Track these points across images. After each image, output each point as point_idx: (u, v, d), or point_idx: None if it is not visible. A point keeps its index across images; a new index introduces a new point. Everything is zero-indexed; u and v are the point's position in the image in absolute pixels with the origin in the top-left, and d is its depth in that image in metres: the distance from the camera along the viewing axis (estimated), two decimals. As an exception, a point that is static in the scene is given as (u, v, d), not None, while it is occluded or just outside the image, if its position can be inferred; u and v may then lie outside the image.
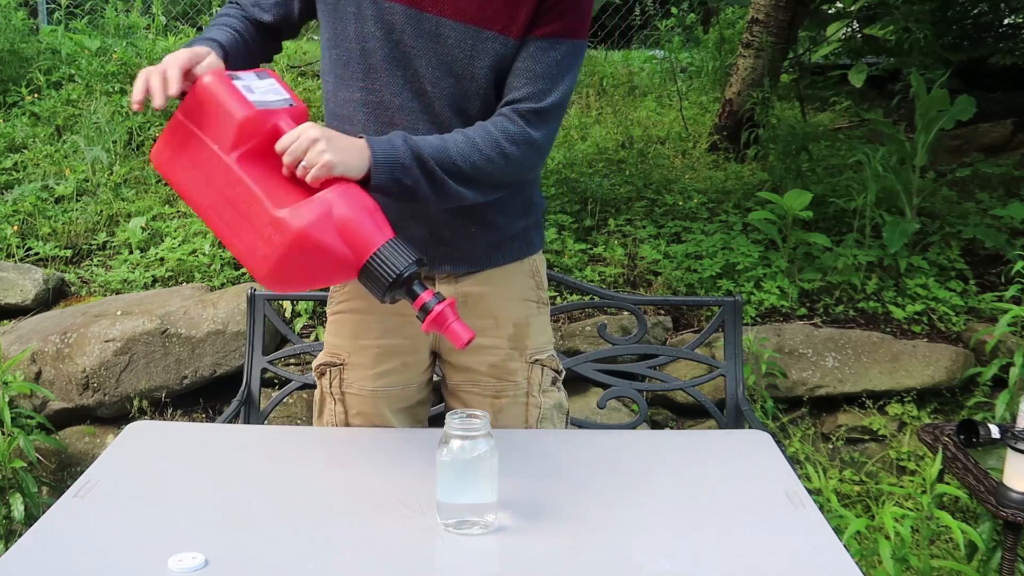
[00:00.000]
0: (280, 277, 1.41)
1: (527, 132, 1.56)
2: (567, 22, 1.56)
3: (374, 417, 1.79)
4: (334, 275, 1.48)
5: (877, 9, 5.68)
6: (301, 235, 1.35)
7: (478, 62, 1.56)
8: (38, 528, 1.37)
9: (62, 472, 3.07)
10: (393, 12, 1.54)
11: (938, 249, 3.91)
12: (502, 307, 1.75)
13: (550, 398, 1.81)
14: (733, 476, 1.59)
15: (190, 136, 1.46)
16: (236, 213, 1.40)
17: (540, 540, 1.36)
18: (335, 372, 1.79)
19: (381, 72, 1.58)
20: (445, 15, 1.54)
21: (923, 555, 2.33)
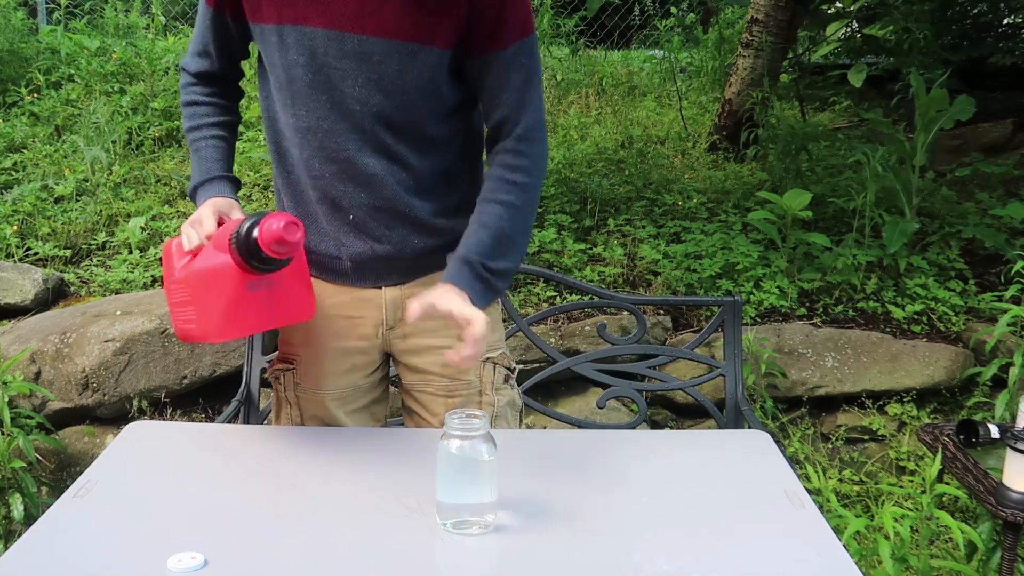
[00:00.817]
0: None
1: (530, 157, 1.61)
2: (511, 25, 1.56)
3: (328, 419, 1.81)
4: None
5: (877, 9, 5.68)
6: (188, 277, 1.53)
7: (407, 75, 1.56)
8: (37, 528, 1.37)
9: (61, 472, 3.07)
10: (314, 36, 1.54)
11: (938, 249, 3.91)
12: None
13: (503, 396, 1.81)
14: (733, 476, 1.59)
15: None
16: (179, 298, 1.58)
17: (540, 540, 1.36)
18: (288, 376, 1.81)
19: (307, 98, 1.58)
20: (368, 33, 1.53)
21: (923, 555, 2.33)
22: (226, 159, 1.73)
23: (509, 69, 1.57)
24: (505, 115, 1.59)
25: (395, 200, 1.65)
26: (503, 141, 1.61)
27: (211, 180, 1.68)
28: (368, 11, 1.52)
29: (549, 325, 3.30)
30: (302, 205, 1.70)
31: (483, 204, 1.60)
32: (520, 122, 1.59)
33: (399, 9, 1.52)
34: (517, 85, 1.58)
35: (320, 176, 1.64)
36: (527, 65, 1.58)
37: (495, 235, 1.57)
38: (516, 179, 1.60)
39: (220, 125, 1.74)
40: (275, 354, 2.30)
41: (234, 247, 1.45)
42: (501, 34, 1.55)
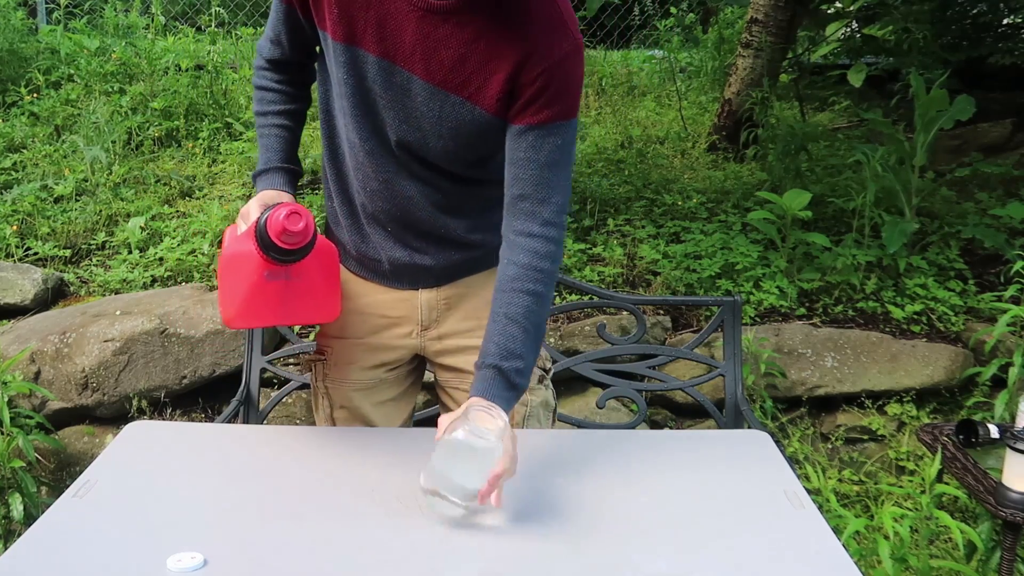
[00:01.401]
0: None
1: (558, 245, 1.59)
2: (559, 105, 1.54)
3: (354, 411, 1.84)
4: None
5: (876, 9, 5.68)
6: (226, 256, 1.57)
7: (445, 123, 1.56)
8: (37, 528, 1.37)
9: (61, 472, 3.07)
10: (366, 61, 1.55)
11: (937, 249, 3.91)
12: (484, 308, 1.75)
13: (536, 396, 1.82)
14: (732, 476, 1.59)
15: None
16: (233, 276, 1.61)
17: (539, 540, 1.36)
18: (319, 366, 1.85)
19: (351, 117, 1.60)
20: (416, 73, 1.53)
21: (922, 555, 2.33)
22: (286, 149, 1.75)
23: (538, 147, 1.54)
24: (525, 192, 1.56)
25: (431, 220, 1.68)
26: (525, 222, 1.57)
27: (268, 170, 1.72)
28: (421, 53, 1.52)
29: (549, 325, 3.30)
30: (347, 204, 1.74)
31: (510, 295, 1.56)
32: (545, 204, 1.56)
33: (451, 60, 1.52)
34: (543, 164, 1.55)
35: (362, 188, 1.67)
36: (561, 148, 1.55)
37: (525, 329, 1.54)
38: (544, 267, 1.56)
39: (285, 114, 1.76)
40: (274, 354, 2.31)
41: (256, 237, 1.48)
42: (538, 110, 1.52)
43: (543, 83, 1.50)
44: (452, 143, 1.58)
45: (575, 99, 1.57)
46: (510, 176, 1.58)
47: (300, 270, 1.53)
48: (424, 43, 1.51)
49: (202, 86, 5.04)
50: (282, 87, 1.76)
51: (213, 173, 4.48)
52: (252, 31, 5.96)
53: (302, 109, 1.80)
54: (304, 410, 3.15)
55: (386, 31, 1.52)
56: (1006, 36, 5.91)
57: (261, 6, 6.45)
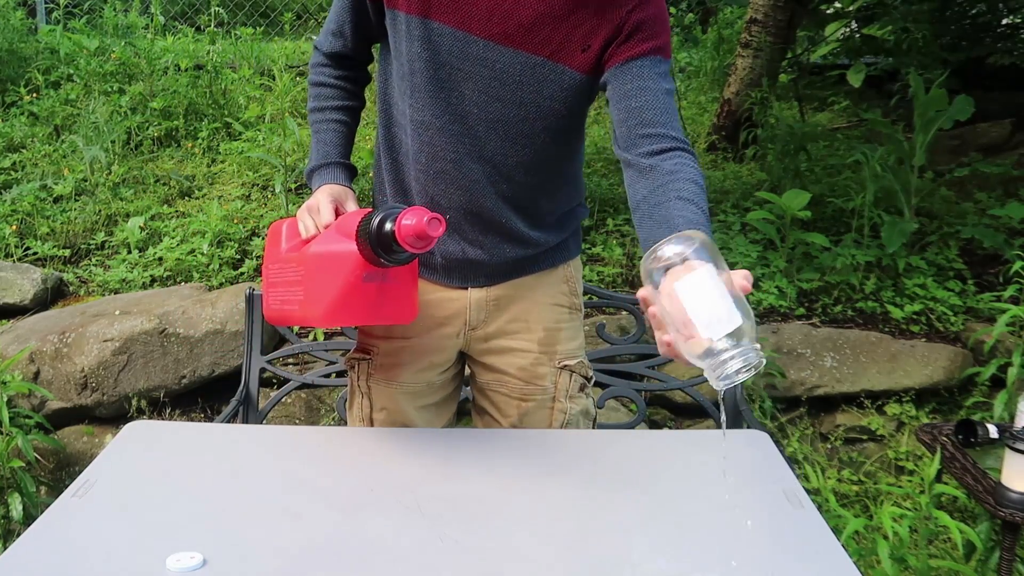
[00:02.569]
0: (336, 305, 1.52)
1: (696, 161, 1.49)
2: (659, 38, 1.50)
3: (397, 413, 1.80)
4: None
5: (875, 9, 5.68)
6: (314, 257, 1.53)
7: (526, 88, 1.54)
8: (36, 528, 1.37)
9: (60, 472, 3.07)
10: (441, 34, 1.52)
11: (936, 249, 3.91)
12: (533, 311, 1.75)
13: (577, 404, 1.80)
14: (731, 476, 1.59)
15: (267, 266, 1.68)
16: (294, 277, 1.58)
17: (538, 540, 1.36)
18: (363, 366, 1.80)
19: (424, 93, 1.56)
20: (492, 39, 1.51)
21: (921, 555, 2.34)
22: (345, 144, 1.71)
23: (647, 76, 1.49)
24: (645, 118, 1.46)
25: (493, 209, 1.64)
26: (658, 141, 1.45)
27: (328, 165, 1.67)
28: (498, 16, 1.50)
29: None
30: (402, 195, 1.69)
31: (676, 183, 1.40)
32: (671, 127, 1.46)
33: (529, 20, 1.50)
34: (659, 91, 1.48)
35: (425, 171, 1.62)
36: (669, 80, 1.51)
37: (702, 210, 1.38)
38: (700, 181, 1.45)
39: (344, 110, 1.72)
40: (274, 354, 2.30)
41: (363, 237, 1.43)
42: (639, 42, 1.49)
43: (638, 16, 1.48)
44: (534, 109, 1.55)
45: (668, 36, 1.53)
46: (622, 114, 1.49)
47: (396, 272, 1.50)
48: (500, 7, 1.50)
49: (201, 86, 5.04)
50: (341, 83, 1.72)
51: (212, 173, 4.48)
52: (251, 31, 5.96)
53: (359, 108, 1.76)
54: (304, 410, 3.15)
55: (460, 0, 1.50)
56: (1005, 36, 5.91)
57: (260, 6, 6.45)
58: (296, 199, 4.08)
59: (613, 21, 1.50)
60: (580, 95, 1.57)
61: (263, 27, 6.22)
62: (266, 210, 4.04)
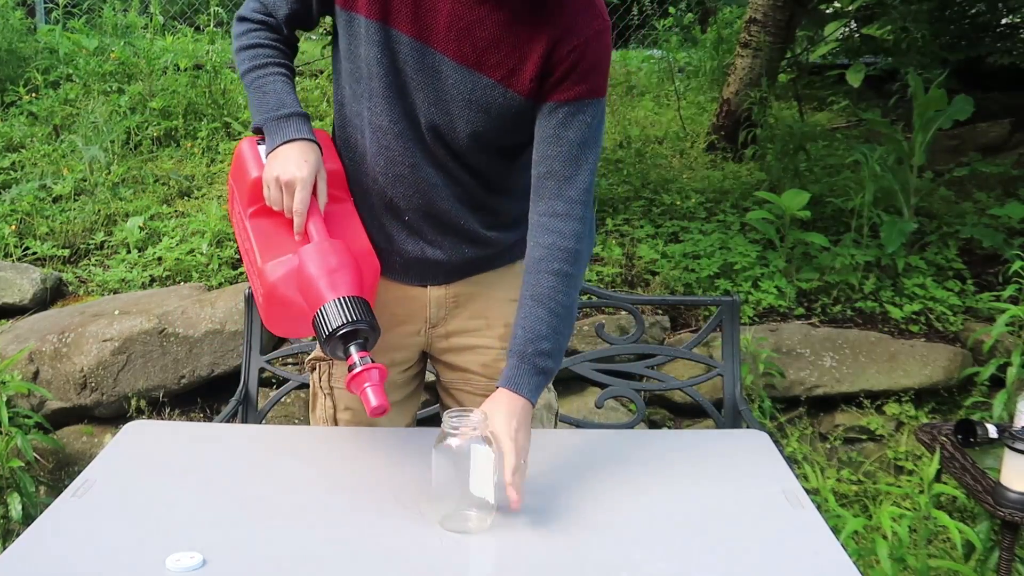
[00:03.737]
0: (270, 322, 1.59)
1: (587, 225, 1.57)
2: (588, 84, 1.54)
3: (361, 413, 1.78)
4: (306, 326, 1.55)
5: (875, 9, 5.68)
6: (270, 288, 1.51)
7: (474, 107, 1.55)
8: (36, 528, 1.37)
9: (60, 472, 3.07)
10: (400, 42, 1.54)
11: (936, 249, 3.91)
12: (493, 307, 1.76)
13: (540, 398, 1.80)
14: (731, 476, 1.60)
15: (232, 190, 1.69)
16: (248, 260, 1.60)
17: (538, 540, 1.36)
18: (324, 367, 1.82)
19: (381, 98, 1.58)
20: (447, 55, 1.53)
21: (920, 555, 2.34)
22: (295, 96, 1.65)
23: (568, 124, 1.54)
24: (553, 169, 1.55)
25: (450, 212, 1.66)
26: (551, 201, 1.55)
27: (291, 117, 1.60)
28: (456, 33, 1.52)
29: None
30: (362, 195, 1.69)
31: (536, 275, 1.54)
32: (571, 183, 1.55)
33: (485, 42, 1.52)
34: (571, 142, 1.55)
35: (384, 174, 1.63)
36: (589, 126, 1.55)
37: (551, 310, 1.53)
38: (569, 246, 1.55)
39: (286, 67, 1.67)
40: (273, 354, 2.30)
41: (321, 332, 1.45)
42: (569, 87, 1.53)
43: (575, 59, 1.51)
44: (481, 127, 1.57)
45: (604, 78, 1.57)
46: (538, 155, 1.57)
47: None
48: (459, 24, 1.51)
49: (201, 86, 5.04)
50: (278, 46, 1.68)
51: (212, 173, 4.48)
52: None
53: (293, 75, 1.72)
54: (303, 409, 3.15)
55: (421, 10, 1.51)
56: (1005, 36, 5.91)
57: (260, 6, 6.43)
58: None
59: (555, 59, 1.52)
60: (527, 119, 1.58)
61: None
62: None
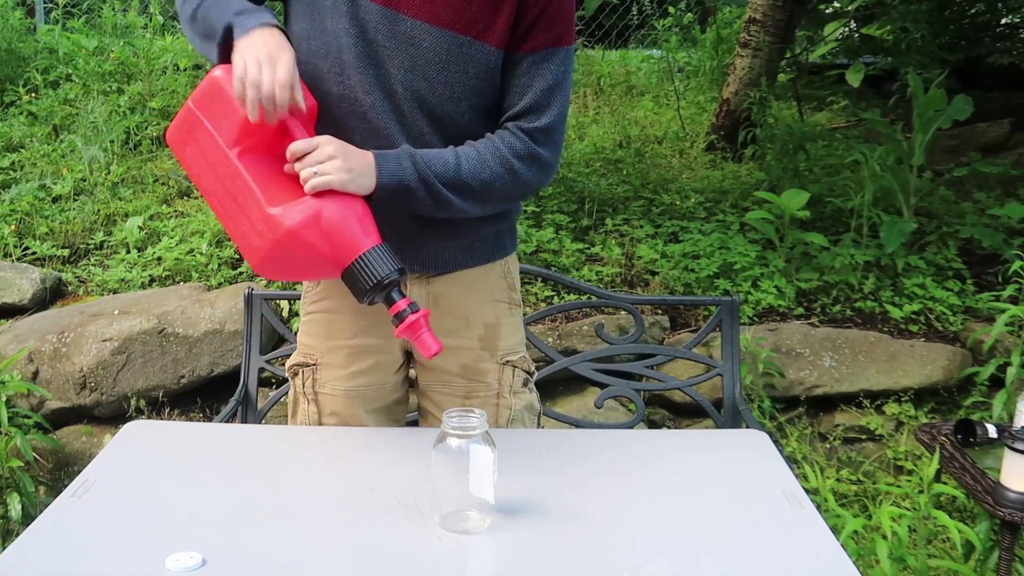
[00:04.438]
0: (268, 267, 1.50)
1: (534, 149, 1.58)
2: (556, 31, 1.56)
3: (348, 417, 1.78)
4: (319, 271, 1.56)
5: (874, 9, 5.68)
6: (289, 234, 1.42)
7: (452, 67, 1.55)
8: (35, 527, 1.36)
9: (59, 471, 3.07)
10: (368, 11, 1.52)
11: (935, 249, 3.91)
12: (473, 308, 1.74)
13: (521, 399, 1.80)
14: (730, 476, 1.59)
15: (199, 124, 1.51)
16: (234, 203, 1.47)
17: (537, 540, 1.36)
18: (308, 372, 1.78)
19: (353, 70, 1.55)
20: (420, 18, 1.52)
21: (920, 555, 2.34)
22: None
23: (537, 73, 1.56)
24: (518, 111, 1.58)
25: None
26: (516, 122, 1.58)
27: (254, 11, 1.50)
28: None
29: (547, 325, 3.30)
30: None
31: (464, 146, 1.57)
32: (540, 119, 1.57)
33: (457, 0, 1.52)
34: (541, 88, 1.57)
35: None
36: (556, 73, 1.57)
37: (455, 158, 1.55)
38: (515, 166, 1.57)
39: None
40: (272, 354, 2.30)
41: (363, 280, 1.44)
42: (536, 36, 1.55)
43: (540, 8, 1.53)
44: (459, 88, 1.56)
45: (571, 24, 1.59)
46: (504, 104, 1.59)
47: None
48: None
49: (200, 86, 5.03)
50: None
51: (211, 173, 4.47)
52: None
53: None
54: (302, 410, 3.15)
55: None
56: (1004, 36, 5.92)
57: (259, 6, 6.44)
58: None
59: (523, 6, 1.53)
60: (500, 72, 1.59)
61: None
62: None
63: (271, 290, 3.30)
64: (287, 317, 3.31)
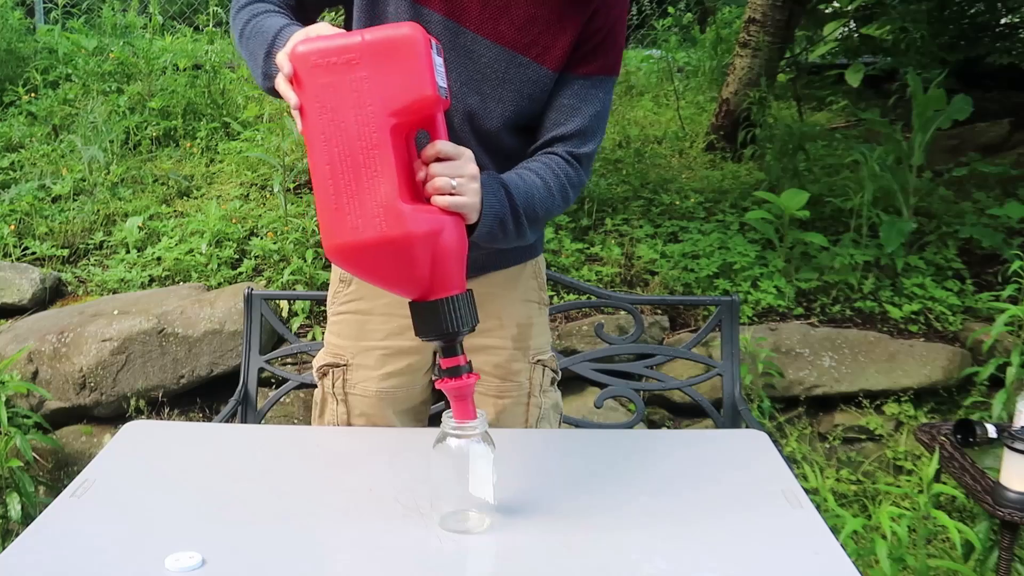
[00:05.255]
0: (352, 257, 1.33)
1: (582, 177, 1.60)
2: (610, 59, 1.57)
3: (377, 418, 1.78)
4: (396, 285, 1.37)
5: (874, 8, 5.68)
6: (406, 238, 1.28)
7: (507, 86, 1.55)
8: (35, 527, 1.36)
9: (59, 471, 3.07)
10: (431, 20, 1.51)
11: (935, 248, 3.92)
12: (506, 308, 1.75)
13: (549, 398, 1.81)
14: (730, 476, 1.59)
15: (361, 68, 1.29)
16: (351, 173, 1.29)
17: (537, 540, 1.36)
18: (338, 373, 1.77)
19: None
20: (482, 34, 1.52)
21: (920, 555, 2.34)
22: None
23: (587, 98, 1.57)
24: (566, 134, 1.58)
25: None
26: (566, 146, 1.58)
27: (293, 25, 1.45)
28: (490, 14, 1.51)
29: (547, 325, 3.30)
30: None
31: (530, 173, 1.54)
32: (587, 145, 1.59)
33: (521, 20, 1.51)
34: (589, 114, 1.58)
35: None
36: (603, 101, 1.59)
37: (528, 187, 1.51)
38: (569, 195, 1.58)
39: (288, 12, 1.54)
40: (272, 354, 2.30)
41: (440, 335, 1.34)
42: (592, 62, 1.56)
43: (605, 33, 1.54)
44: (513, 107, 1.57)
45: (620, 56, 1.60)
46: (549, 122, 1.58)
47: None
48: (495, 3, 1.50)
49: (200, 86, 5.04)
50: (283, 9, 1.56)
51: (211, 173, 4.48)
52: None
53: None
54: (302, 409, 3.15)
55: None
56: (1004, 36, 5.92)
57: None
58: (295, 199, 4.08)
59: (586, 31, 1.54)
60: (547, 92, 1.59)
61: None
62: (264, 210, 4.03)
63: (271, 290, 3.31)
64: (287, 317, 3.31)
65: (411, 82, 1.28)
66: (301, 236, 3.66)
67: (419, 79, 1.28)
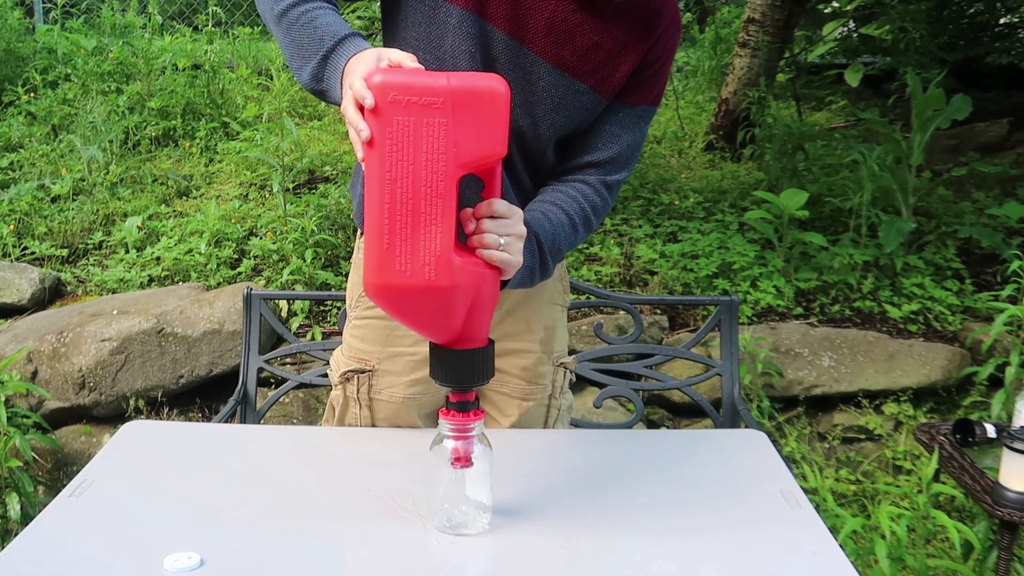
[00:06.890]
0: (393, 298, 1.31)
1: (607, 204, 1.61)
2: (656, 92, 1.58)
3: (400, 422, 1.78)
4: (426, 329, 1.37)
5: (873, 8, 5.68)
6: (450, 290, 1.27)
7: (561, 111, 1.53)
8: (34, 527, 1.36)
9: (58, 471, 3.07)
10: (494, 37, 1.48)
11: (934, 248, 3.92)
12: (534, 311, 1.75)
13: (566, 399, 1.83)
14: (729, 476, 1.59)
15: (439, 113, 1.24)
16: (408, 218, 1.25)
17: (536, 540, 1.36)
18: (363, 379, 1.75)
19: None
20: (544, 57, 1.50)
21: (919, 554, 2.34)
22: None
23: (629, 127, 1.58)
24: (602, 160, 1.59)
25: None
26: (589, 173, 1.59)
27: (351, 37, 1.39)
28: (555, 38, 1.50)
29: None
30: None
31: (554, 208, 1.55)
32: (620, 172, 1.60)
33: (584, 48, 1.50)
34: (628, 143, 1.59)
35: None
36: (643, 132, 1.60)
37: (552, 227, 1.52)
38: (592, 223, 1.59)
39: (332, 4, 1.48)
40: (272, 354, 2.30)
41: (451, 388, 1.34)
42: (640, 93, 1.56)
43: (657, 67, 1.55)
44: (562, 130, 1.56)
45: (664, 89, 1.62)
46: (588, 144, 1.59)
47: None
48: (559, 28, 1.49)
49: (199, 86, 5.04)
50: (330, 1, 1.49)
51: (210, 173, 4.48)
52: (249, 31, 5.95)
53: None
54: (301, 410, 3.15)
55: (520, 9, 1.47)
56: (1003, 35, 5.92)
57: (258, 6, 6.44)
58: (294, 199, 4.08)
59: (644, 61, 1.54)
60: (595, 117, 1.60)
61: (261, 27, 6.22)
62: (264, 210, 4.03)
63: (270, 290, 3.30)
64: (286, 317, 3.31)
65: (489, 137, 1.27)
66: (300, 236, 3.65)
67: (498, 136, 1.27)
